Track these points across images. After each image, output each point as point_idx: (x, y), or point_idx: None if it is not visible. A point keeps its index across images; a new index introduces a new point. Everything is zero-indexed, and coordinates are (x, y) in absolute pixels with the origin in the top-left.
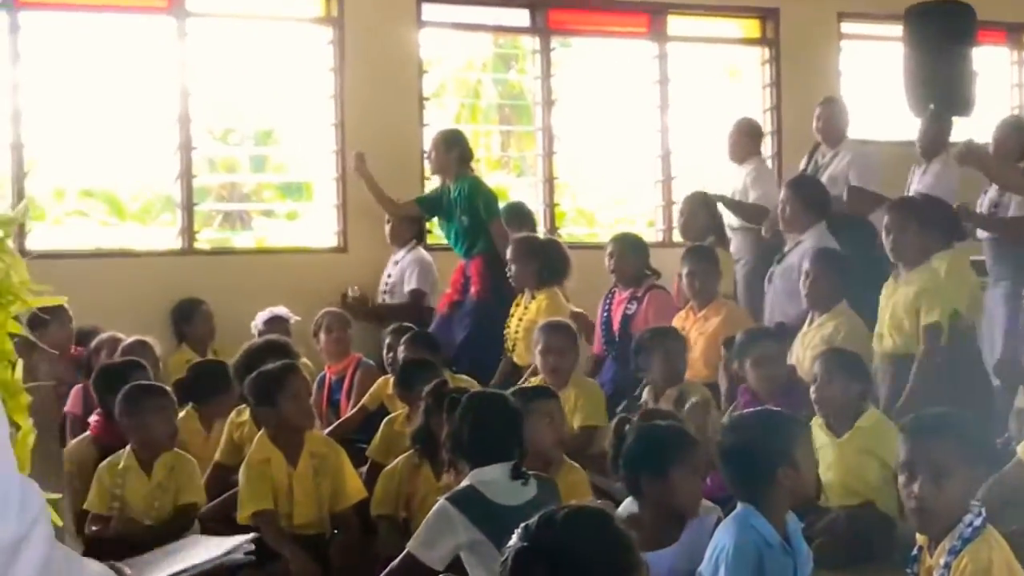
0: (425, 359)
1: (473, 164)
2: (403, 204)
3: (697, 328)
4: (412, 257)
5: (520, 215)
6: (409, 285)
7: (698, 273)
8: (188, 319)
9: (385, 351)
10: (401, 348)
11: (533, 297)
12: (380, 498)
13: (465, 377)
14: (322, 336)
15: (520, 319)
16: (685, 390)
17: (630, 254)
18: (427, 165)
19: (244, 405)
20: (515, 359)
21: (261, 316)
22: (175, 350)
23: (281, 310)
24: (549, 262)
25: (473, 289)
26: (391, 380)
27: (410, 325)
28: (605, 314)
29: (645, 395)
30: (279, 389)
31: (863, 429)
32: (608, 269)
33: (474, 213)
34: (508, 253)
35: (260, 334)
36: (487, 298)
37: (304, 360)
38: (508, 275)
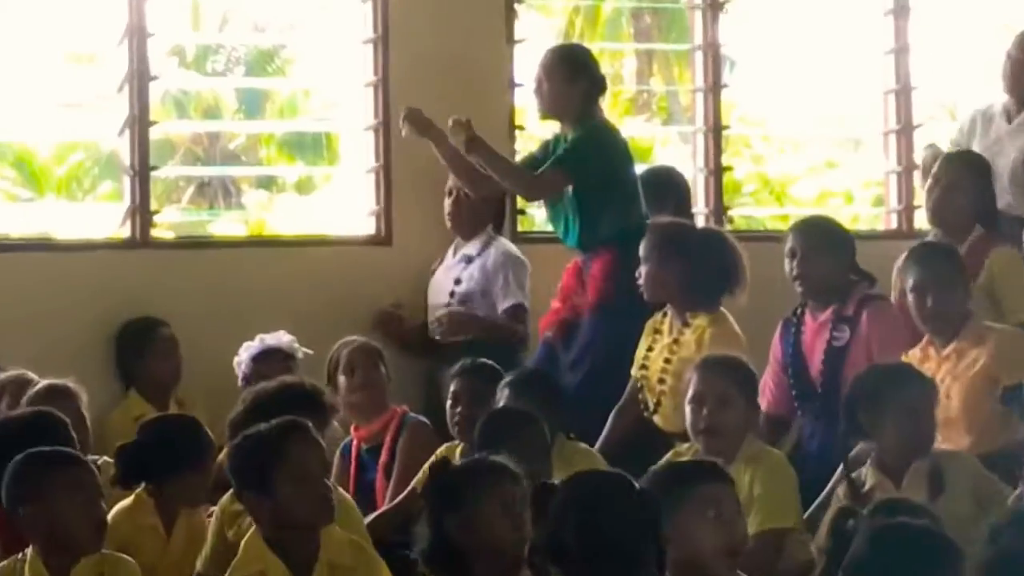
0: (522, 411)
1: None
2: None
3: (947, 370)
4: (499, 253)
5: (660, 187)
6: (507, 299)
7: (931, 284)
8: (140, 351)
9: (450, 403)
10: (504, 395)
11: (686, 323)
12: None
13: (585, 447)
14: (341, 380)
15: (667, 358)
16: (940, 466)
17: (824, 252)
18: (518, 107)
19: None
20: (659, 421)
21: (248, 349)
22: (120, 400)
23: (280, 339)
24: (706, 265)
25: (590, 296)
26: (459, 448)
27: (486, 362)
28: (790, 348)
29: (867, 476)
30: (277, 464)
31: None
32: (789, 276)
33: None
34: (641, 247)
35: (246, 377)
36: (613, 308)
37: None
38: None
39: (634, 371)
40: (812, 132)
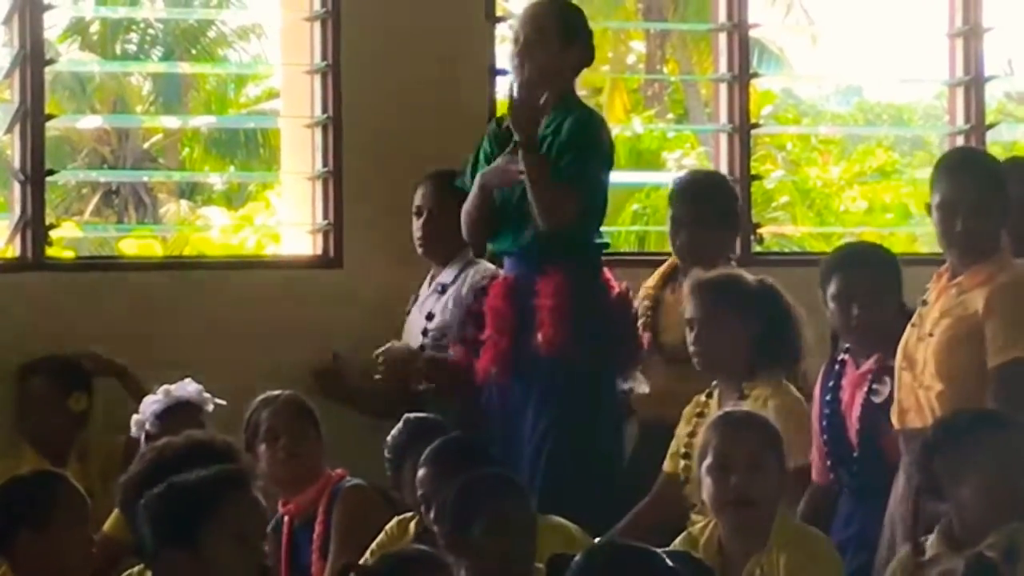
0: (503, 475)
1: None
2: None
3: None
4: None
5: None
6: None
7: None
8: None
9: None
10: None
11: (743, 396)
12: None
13: (561, 521)
14: (262, 449)
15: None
16: (1016, 539)
17: (885, 294)
18: (499, 98)
19: (140, 566)
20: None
21: (151, 404)
22: (10, 453)
23: (186, 389)
24: (772, 323)
25: (546, 331)
26: (413, 522)
27: (432, 418)
28: (827, 405)
29: (931, 546)
30: (207, 515)
31: None
32: (835, 324)
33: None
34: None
35: (149, 437)
36: (579, 347)
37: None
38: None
39: (668, 465)
40: (861, 132)
